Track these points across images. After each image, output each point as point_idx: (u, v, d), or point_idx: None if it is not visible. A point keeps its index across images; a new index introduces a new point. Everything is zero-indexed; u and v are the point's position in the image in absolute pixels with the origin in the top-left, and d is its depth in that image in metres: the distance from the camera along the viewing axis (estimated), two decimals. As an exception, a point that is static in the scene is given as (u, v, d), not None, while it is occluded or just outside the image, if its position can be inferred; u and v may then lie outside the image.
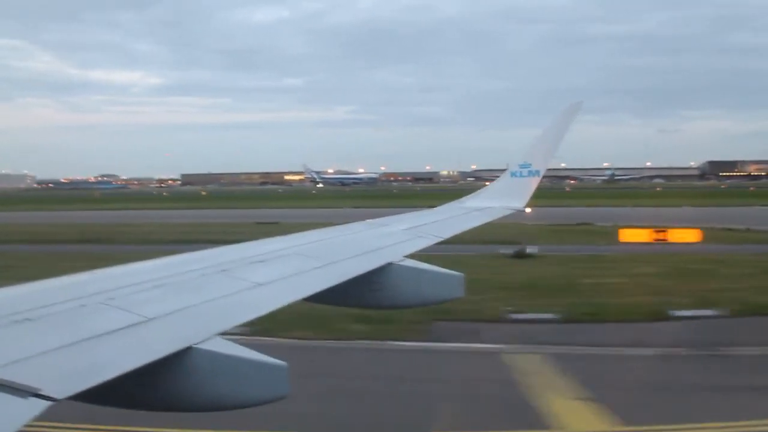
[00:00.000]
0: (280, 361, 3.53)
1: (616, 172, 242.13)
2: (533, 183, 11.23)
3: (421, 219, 9.01)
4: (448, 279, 6.20)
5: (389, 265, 5.90)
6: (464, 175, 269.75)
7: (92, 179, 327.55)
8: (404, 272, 5.94)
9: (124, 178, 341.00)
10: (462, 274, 6.23)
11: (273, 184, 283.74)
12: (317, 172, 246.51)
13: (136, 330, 3.38)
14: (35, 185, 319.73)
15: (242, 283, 4.48)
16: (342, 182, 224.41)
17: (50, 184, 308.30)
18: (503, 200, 11.03)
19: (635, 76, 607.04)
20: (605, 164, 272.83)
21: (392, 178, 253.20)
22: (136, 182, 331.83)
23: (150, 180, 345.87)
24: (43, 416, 2.50)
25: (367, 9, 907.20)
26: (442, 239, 7.79)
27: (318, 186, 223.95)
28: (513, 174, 11.38)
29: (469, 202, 11.26)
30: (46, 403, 2.52)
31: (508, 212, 10.67)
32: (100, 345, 3.13)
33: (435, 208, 10.77)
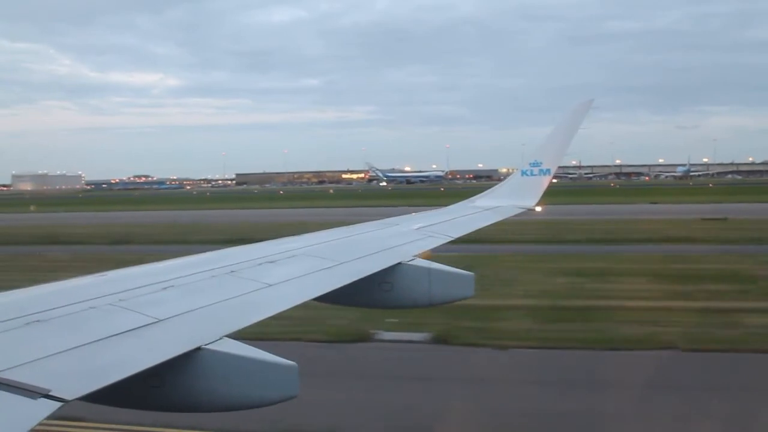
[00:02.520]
0: (289, 362, 3.53)
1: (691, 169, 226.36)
2: (544, 181, 11.18)
3: (432, 218, 9.00)
4: (459, 279, 6.18)
5: (399, 264, 5.89)
6: None
7: (142, 179, 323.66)
8: (414, 272, 5.93)
9: (175, 178, 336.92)
10: (472, 273, 6.22)
11: (330, 183, 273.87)
12: (382, 171, 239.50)
13: (145, 331, 3.40)
14: (86, 186, 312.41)
15: (251, 284, 4.49)
16: (408, 180, 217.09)
17: (104, 185, 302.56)
18: (514, 199, 11.00)
19: (652, 72, 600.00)
20: (661, 160, 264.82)
21: (450, 176, 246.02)
22: (188, 183, 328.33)
23: (189, 180, 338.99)
24: (54, 415, 2.52)
25: (383, 9, 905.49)
26: (453, 239, 7.78)
27: (381, 184, 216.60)
28: (523, 173, 11.34)
29: (480, 201, 11.23)
30: (56, 404, 2.54)
31: (518, 211, 10.64)
32: (109, 346, 3.16)
33: (446, 208, 10.75)
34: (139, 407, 3.46)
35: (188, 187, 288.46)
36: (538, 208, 11.06)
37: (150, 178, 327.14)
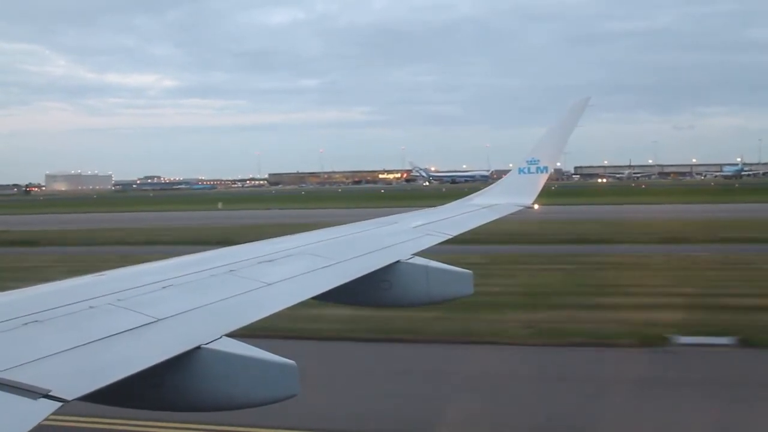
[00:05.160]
0: (289, 361, 3.54)
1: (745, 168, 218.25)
2: (541, 180, 11.21)
3: (429, 217, 9.01)
4: (458, 277, 6.19)
5: (398, 263, 5.90)
6: (561, 173, 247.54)
7: (166, 180, 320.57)
8: (413, 270, 5.94)
9: (203, 178, 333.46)
10: (470, 271, 6.23)
11: (367, 182, 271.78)
12: (425, 170, 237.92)
13: (145, 331, 3.39)
14: (114, 186, 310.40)
15: (251, 283, 4.49)
16: (453, 180, 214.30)
17: (134, 185, 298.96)
18: (511, 197, 11.01)
19: (651, 72, 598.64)
20: (694, 160, 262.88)
21: (495, 176, 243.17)
22: (219, 182, 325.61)
23: (218, 180, 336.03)
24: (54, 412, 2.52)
25: (381, 9, 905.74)
26: (451, 237, 7.79)
27: (425, 184, 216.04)
28: (521, 171, 11.36)
29: (477, 199, 11.25)
30: (56, 404, 2.54)
31: (516, 209, 10.66)
32: (109, 346, 3.15)
33: (443, 206, 10.76)
34: (140, 407, 3.46)
35: (220, 187, 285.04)
36: (536, 206, 11.08)
37: (161, 179, 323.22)
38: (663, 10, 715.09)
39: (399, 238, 7.01)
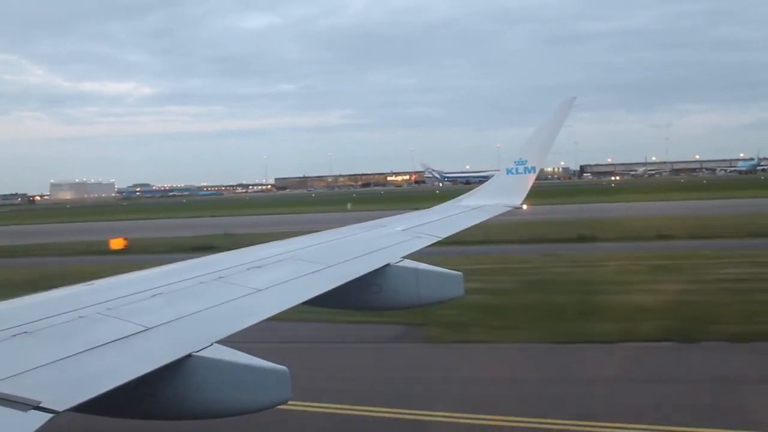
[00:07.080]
0: (280, 366, 3.54)
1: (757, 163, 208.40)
2: (529, 180, 11.25)
3: (418, 219, 9.02)
4: (448, 278, 6.22)
5: (387, 266, 5.91)
6: (568, 171, 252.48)
7: (165, 187, 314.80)
8: (402, 273, 5.96)
9: (205, 184, 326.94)
10: (460, 273, 6.25)
11: (375, 185, 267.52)
12: (438, 171, 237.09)
13: (135, 339, 3.38)
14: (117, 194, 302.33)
15: (240, 290, 4.48)
16: (467, 180, 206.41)
17: (137, 192, 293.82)
18: (499, 198, 11.05)
19: (628, 72, 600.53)
20: (696, 156, 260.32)
21: None
22: (223, 188, 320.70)
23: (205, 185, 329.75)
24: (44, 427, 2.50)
25: (357, 13, 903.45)
26: (440, 239, 7.80)
27: (439, 185, 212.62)
28: (508, 171, 11.40)
29: (466, 200, 11.28)
30: (47, 416, 2.53)
31: (504, 210, 10.69)
32: (99, 356, 3.14)
33: (432, 208, 10.77)
34: (132, 416, 3.44)
35: (225, 193, 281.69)
36: (524, 207, 11.12)
37: (152, 186, 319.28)
38: (636, 11, 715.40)
39: (388, 242, 7.02)
